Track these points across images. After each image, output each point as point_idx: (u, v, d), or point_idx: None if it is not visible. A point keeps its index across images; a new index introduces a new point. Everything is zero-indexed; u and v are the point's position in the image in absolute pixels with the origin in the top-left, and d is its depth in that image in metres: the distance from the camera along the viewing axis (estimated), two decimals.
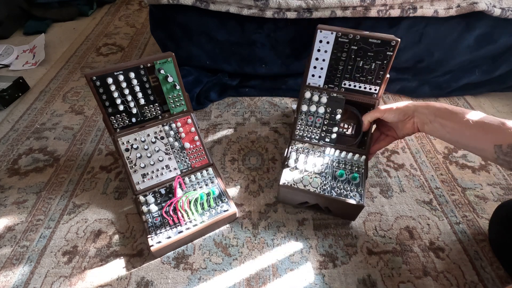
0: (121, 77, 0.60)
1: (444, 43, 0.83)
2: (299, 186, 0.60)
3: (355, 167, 0.64)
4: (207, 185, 0.65)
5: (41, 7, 1.39)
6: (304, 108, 0.69)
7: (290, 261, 0.59)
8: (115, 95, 0.61)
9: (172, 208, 0.60)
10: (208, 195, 0.62)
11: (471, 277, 0.56)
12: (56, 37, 1.34)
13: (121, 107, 0.62)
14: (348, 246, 0.61)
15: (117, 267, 0.58)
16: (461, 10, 0.76)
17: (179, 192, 0.62)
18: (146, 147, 0.65)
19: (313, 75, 0.68)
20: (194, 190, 0.64)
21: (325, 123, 0.68)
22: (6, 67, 1.15)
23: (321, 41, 0.64)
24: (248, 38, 0.86)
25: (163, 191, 0.63)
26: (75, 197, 0.70)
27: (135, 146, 0.64)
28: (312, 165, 0.63)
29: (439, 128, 0.53)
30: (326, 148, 0.67)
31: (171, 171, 0.66)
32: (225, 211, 0.61)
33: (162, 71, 0.63)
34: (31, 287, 0.55)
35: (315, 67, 0.67)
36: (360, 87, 0.67)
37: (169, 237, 0.56)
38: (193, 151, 0.68)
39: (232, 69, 0.94)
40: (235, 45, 0.88)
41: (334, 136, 0.67)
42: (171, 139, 0.67)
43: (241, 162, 0.78)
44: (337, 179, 0.62)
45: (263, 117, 0.90)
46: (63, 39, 1.31)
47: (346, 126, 0.70)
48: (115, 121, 0.63)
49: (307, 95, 0.69)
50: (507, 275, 0.56)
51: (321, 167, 0.63)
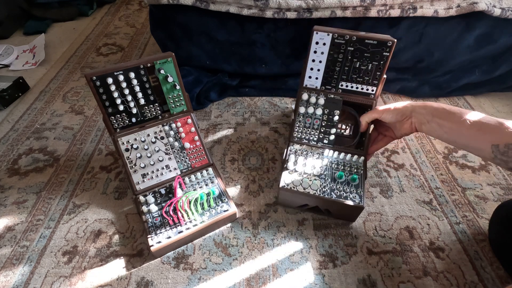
0: (121, 77, 0.60)
1: (444, 43, 0.83)
2: (298, 189, 0.60)
3: (354, 168, 0.64)
4: (207, 185, 0.65)
5: (41, 7, 1.39)
6: (301, 110, 0.69)
7: (290, 261, 0.59)
8: (115, 95, 0.61)
9: (172, 208, 0.60)
10: (208, 195, 0.62)
11: (471, 277, 0.56)
12: (56, 37, 1.34)
13: (121, 107, 0.62)
14: (348, 246, 0.61)
15: (117, 267, 0.58)
16: (461, 10, 0.76)
17: (179, 192, 0.62)
18: (146, 147, 0.65)
19: (310, 77, 0.68)
20: (194, 190, 0.64)
21: (323, 124, 0.68)
22: (6, 67, 1.15)
23: (317, 43, 0.64)
24: (248, 38, 0.86)
25: (163, 191, 0.63)
26: (75, 197, 0.70)
27: (135, 146, 0.64)
28: (311, 167, 0.63)
29: (436, 128, 0.53)
30: (324, 149, 0.66)
31: (171, 171, 0.66)
32: (225, 211, 0.61)
33: (162, 71, 0.63)
34: (31, 287, 0.55)
35: (312, 69, 0.67)
36: (357, 88, 0.67)
37: (169, 237, 0.56)
38: (193, 151, 0.68)
39: (232, 69, 0.94)
40: (235, 45, 0.88)
41: (332, 137, 0.67)
42: (171, 139, 0.67)
43: (241, 162, 0.78)
44: (337, 181, 0.62)
45: (263, 117, 0.90)
46: (63, 39, 1.31)
47: (343, 127, 0.70)
48: (115, 121, 0.63)
49: (305, 96, 0.69)
50: (507, 275, 0.56)
51: (320, 169, 0.63)
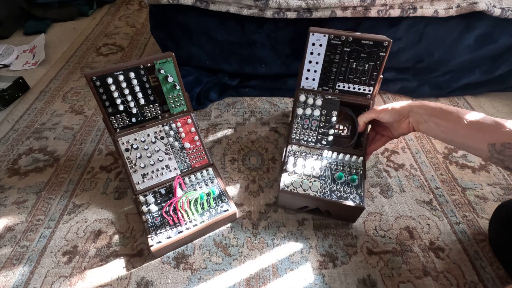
0: (121, 77, 0.60)
1: (444, 43, 0.83)
2: (299, 191, 0.60)
3: (353, 169, 0.64)
4: (207, 185, 0.65)
5: (41, 7, 1.39)
6: (299, 111, 0.69)
7: (290, 261, 0.59)
8: (115, 95, 0.61)
9: (172, 208, 0.60)
10: (208, 195, 0.62)
11: (471, 277, 0.56)
12: (56, 37, 1.34)
13: (121, 107, 0.62)
14: (348, 246, 0.61)
15: (117, 267, 0.58)
16: (461, 10, 0.76)
17: (179, 192, 0.62)
18: (146, 147, 0.65)
19: (307, 78, 0.68)
20: (194, 190, 0.64)
21: (321, 125, 0.68)
22: (6, 67, 1.15)
23: (313, 44, 0.64)
24: (248, 38, 0.86)
25: (163, 191, 0.63)
26: (75, 197, 0.70)
27: (135, 146, 0.64)
28: (310, 168, 0.63)
29: (433, 127, 0.53)
30: (323, 150, 0.66)
31: (171, 171, 0.66)
32: (225, 211, 0.61)
33: (162, 71, 0.63)
34: (31, 287, 0.55)
35: (308, 70, 0.67)
36: (354, 88, 0.67)
37: (169, 237, 0.56)
38: (193, 151, 0.68)
39: (232, 69, 0.94)
40: (235, 45, 0.88)
41: (330, 138, 0.67)
42: (171, 139, 0.67)
43: (241, 162, 0.78)
44: (336, 182, 0.61)
45: (263, 117, 0.90)
46: (63, 39, 1.31)
47: (341, 127, 0.70)
48: (115, 121, 0.63)
49: (302, 98, 0.69)
50: (507, 275, 0.56)
51: (320, 170, 0.63)
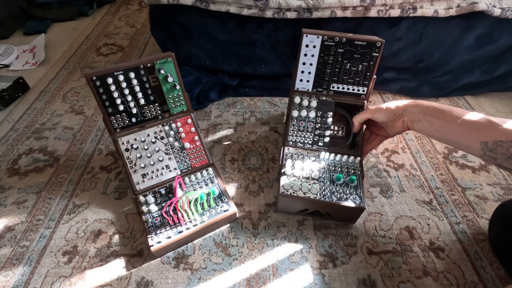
0: (121, 77, 0.60)
1: (444, 43, 0.83)
2: (298, 194, 0.60)
3: (351, 169, 0.63)
4: (207, 185, 0.65)
5: (41, 7, 1.39)
6: (294, 113, 0.68)
7: (290, 261, 0.59)
8: (115, 95, 0.61)
9: (172, 208, 0.60)
10: (208, 195, 0.62)
11: (471, 277, 0.56)
12: (56, 37, 1.34)
13: (121, 107, 0.62)
14: (348, 246, 0.61)
15: (117, 267, 0.58)
16: (461, 10, 0.76)
17: (179, 192, 0.62)
18: (146, 147, 0.65)
19: (301, 80, 0.68)
20: (194, 190, 0.64)
21: (317, 127, 0.68)
22: (6, 67, 1.15)
23: (307, 46, 0.64)
24: (248, 38, 0.86)
25: (163, 191, 0.63)
26: (75, 197, 0.70)
27: (135, 146, 0.64)
28: (309, 170, 0.63)
29: (427, 126, 0.54)
30: (320, 152, 0.66)
31: (171, 171, 0.66)
32: (225, 211, 0.61)
33: (162, 71, 0.63)
34: (31, 287, 0.55)
35: (302, 72, 0.67)
36: (348, 89, 0.67)
37: (169, 237, 0.56)
38: (193, 151, 0.68)
39: (232, 69, 0.94)
40: (235, 45, 0.88)
41: (327, 139, 0.67)
42: (171, 139, 0.67)
43: (241, 162, 0.78)
44: (335, 183, 0.61)
45: (263, 117, 0.90)
46: (63, 39, 1.31)
47: (336, 128, 0.69)
48: (115, 121, 0.63)
49: (297, 100, 0.69)
50: (507, 275, 0.56)
51: (318, 172, 0.63)
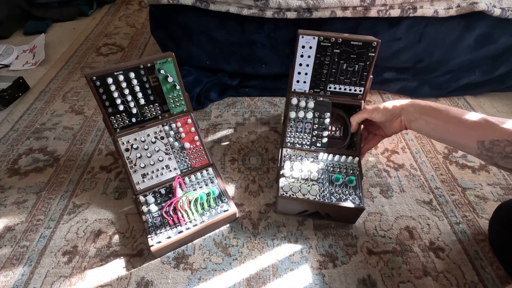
0: (121, 77, 0.60)
1: (444, 43, 0.83)
2: (298, 195, 0.59)
3: (349, 170, 0.63)
4: (207, 185, 0.65)
5: (41, 7, 1.39)
6: (292, 114, 0.68)
7: (290, 261, 0.59)
8: (115, 95, 0.61)
9: (172, 208, 0.60)
10: (208, 195, 0.62)
11: (471, 277, 0.56)
12: (56, 37, 1.34)
13: (121, 107, 0.62)
14: (348, 246, 0.61)
15: (117, 267, 0.58)
16: (461, 10, 0.76)
17: (179, 192, 0.62)
18: (146, 147, 0.65)
19: (298, 81, 0.68)
20: (194, 190, 0.64)
21: (315, 128, 0.68)
22: (6, 67, 1.15)
23: (303, 47, 0.64)
24: (248, 38, 0.86)
25: (163, 191, 0.63)
26: (75, 197, 0.70)
27: (135, 146, 0.64)
28: (307, 172, 0.62)
29: (424, 125, 0.54)
30: (318, 153, 0.66)
31: (171, 171, 0.66)
32: (225, 211, 0.61)
33: (162, 71, 0.63)
34: (31, 287, 0.55)
35: (299, 73, 0.67)
36: (345, 89, 0.67)
37: (169, 237, 0.56)
38: (193, 151, 0.68)
39: (232, 69, 0.94)
40: (235, 45, 0.88)
41: (325, 140, 0.67)
42: (171, 139, 0.67)
43: (241, 162, 0.78)
44: (334, 184, 0.61)
45: (263, 117, 0.90)
46: (63, 39, 1.31)
47: (333, 129, 0.69)
48: (115, 121, 0.63)
49: (294, 101, 0.69)
50: (507, 275, 0.56)
51: (317, 173, 0.62)
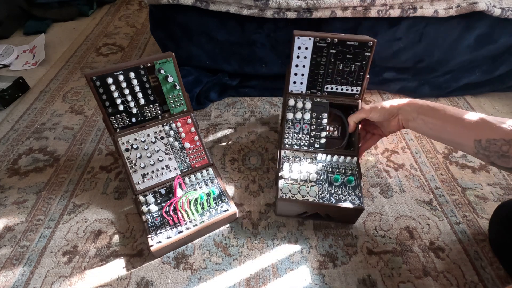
0: (121, 77, 0.60)
1: (444, 43, 0.83)
2: (297, 197, 0.59)
3: (348, 170, 0.63)
4: (207, 185, 0.65)
5: (41, 7, 1.40)
6: (289, 116, 0.68)
7: (290, 261, 0.59)
8: (115, 95, 0.61)
9: (172, 208, 0.60)
10: (208, 195, 0.62)
11: (471, 277, 0.56)
12: (56, 37, 1.34)
13: (121, 107, 0.62)
14: (348, 246, 0.61)
15: (117, 267, 0.58)
16: (461, 10, 0.76)
17: (179, 192, 0.62)
18: (146, 147, 0.65)
19: (294, 82, 0.68)
20: (194, 190, 0.64)
21: (313, 128, 0.67)
22: (6, 67, 1.15)
23: (299, 48, 0.64)
24: (248, 38, 0.86)
25: (163, 191, 0.63)
26: (75, 197, 0.70)
27: (135, 146, 0.64)
28: (306, 173, 0.62)
29: (421, 124, 0.54)
30: (317, 154, 0.66)
31: (171, 171, 0.66)
32: (225, 211, 0.61)
33: (162, 71, 0.63)
34: (31, 287, 0.55)
35: (296, 74, 0.67)
36: (342, 89, 0.67)
37: (169, 237, 0.56)
38: (193, 151, 0.68)
39: (232, 69, 0.94)
40: (235, 45, 0.88)
41: (323, 141, 0.67)
42: (171, 139, 0.67)
43: (241, 162, 0.78)
44: (334, 185, 0.61)
45: (263, 117, 0.90)
46: (63, 39, 1.31)
47: (331, 129, 0.69)
48: (115, 121, 0.63)
49: (291, 102, 0.68)
50: (507, 275, 0.56)
51: (316, 174, 0.62)
